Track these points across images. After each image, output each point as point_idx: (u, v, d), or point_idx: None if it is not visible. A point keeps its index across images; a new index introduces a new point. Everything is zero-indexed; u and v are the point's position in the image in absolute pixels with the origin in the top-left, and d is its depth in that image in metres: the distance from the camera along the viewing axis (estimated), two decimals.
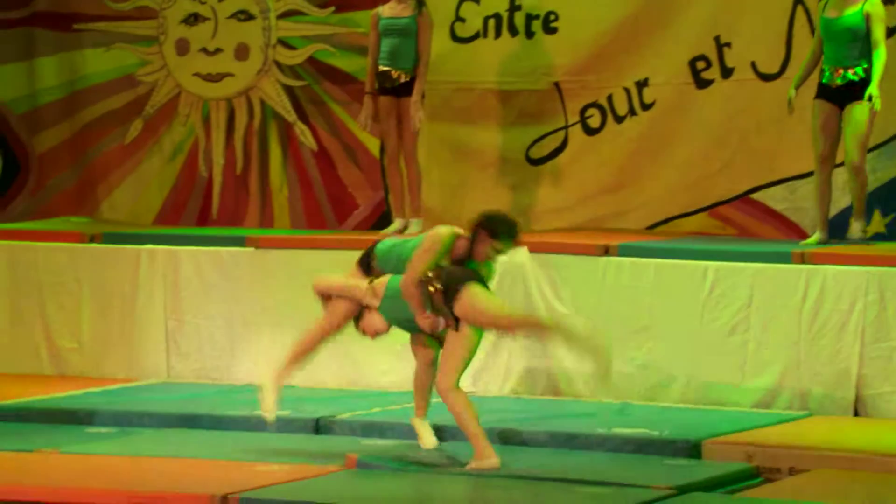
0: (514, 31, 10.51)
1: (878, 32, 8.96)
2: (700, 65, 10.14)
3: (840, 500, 7.18)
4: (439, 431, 8.13)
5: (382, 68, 9.95)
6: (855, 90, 8.99)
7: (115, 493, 7.19)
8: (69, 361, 10.09)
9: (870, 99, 8.87)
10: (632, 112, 10.30)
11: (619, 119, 10.34)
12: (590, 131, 10.41)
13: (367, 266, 7.87)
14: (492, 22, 10.54)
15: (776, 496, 7.32)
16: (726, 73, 10.09)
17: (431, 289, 7.38)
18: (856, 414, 8.75)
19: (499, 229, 7.62)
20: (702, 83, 10.15)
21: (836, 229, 9.37)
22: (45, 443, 8.07)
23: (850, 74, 8.98)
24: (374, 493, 7.20)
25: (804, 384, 8.86)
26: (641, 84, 10.27)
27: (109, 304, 10.04)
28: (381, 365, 8.28)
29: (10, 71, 11.44)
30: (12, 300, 10.11)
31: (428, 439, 7.99)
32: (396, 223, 10.14)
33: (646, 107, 10.27)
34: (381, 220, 10.66)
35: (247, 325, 9.78)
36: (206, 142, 11.16)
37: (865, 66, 8.95)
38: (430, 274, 7.41)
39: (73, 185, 11.41)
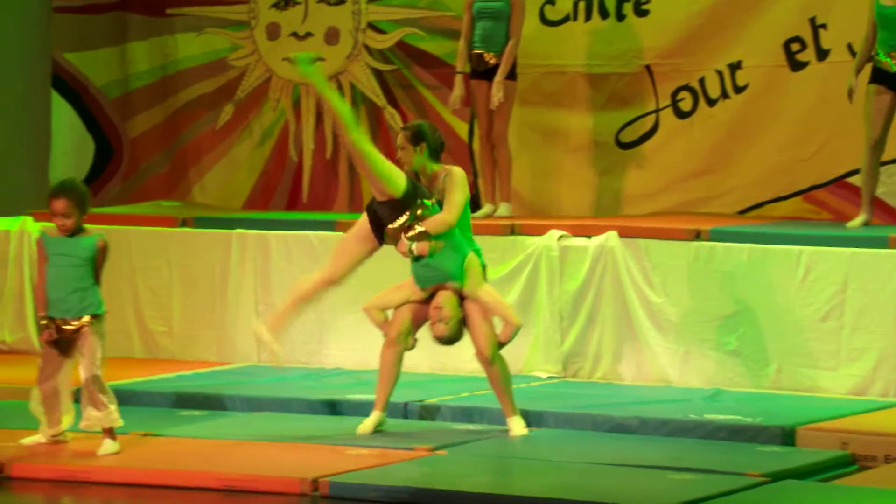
0: (604, 14, 10.42)
1: None
2: (795, 46, 10.00)
3: None
4: (526, 417, 8.11)
5: (475, 51, 9.92)
6: None
7: (206, 476, 7.23)
8: (160, 345, 10.16)
9: None
10: (724, 95, 10.19)
11: (712, 102, 10.23)
12: (681, 114, 10.31)
13: None
14: (582, 4, 10.47)
15: (872, 484, 7.21)
16: (822, 54, 9.94)
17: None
18: None
19: None
20: (796, 65, 10.01)
21: None
22: (138, 426, 8.12)
23: None
24: (461, 477, 7.18)
25: None
26: (734, 66, 10.15)
27: (200, 287, 10.09)
28: (469, 350, 8.27)
29: (103, 56, 11.53)
30: (104, 284, 10.13)
31: (517, 430, 8.01)
32: (486, 207, 10.10)
33: (739, 89, 10.15)
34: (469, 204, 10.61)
35: (335, 309, 9.79)
36: (296, 126, 11.19)
37: None
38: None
39: (165, 169, 11.49)
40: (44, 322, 7.71)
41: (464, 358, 9.18)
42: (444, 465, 7.44)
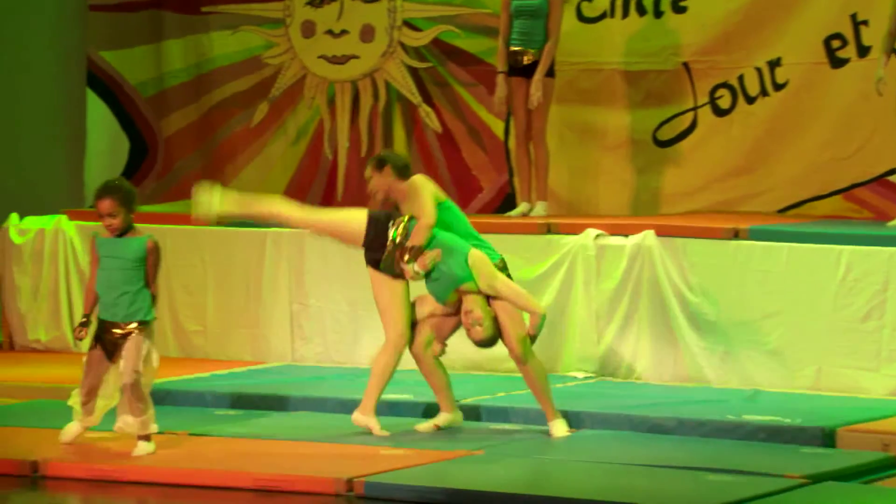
0: (641, 11, 10.35)
1: None
2: (835, 43, 9.91)
3: None
4: (566, 417, 8.05)
5: (514, 48, 9.87)
6: None
7: (241, 476, 7.20)
8: (194, 344, 10.15)
9: None
10: (763, 92, 10.10)
11: (751, 100, 10.14)
12: (720, 112, 10.23)
13: None
14: (619, 1, 10.40)
15: None
16: (862, 51, 9.85)
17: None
18: None
19: None
20: (837, 62, 9.92)
21: None
22: (173, 425, 8.10)
23: None
24: (497, 478, 7.14)
25: None
26: (774, 64, 10.06)
27: (235, 287, 10.08)
28: (505, 349, 8.22)
29: (138, 54, 11.53)
30: None
31: (559, 433, 7.95)
32: (522, 206, 10.05)
33: (778, 87, 10.07)
34: (505, 202, 10.58)
35: (369, 308, 9.72)
36: (331, 124, 11.16)
37: None
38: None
39: (200, 167, 11.47)
40: (83, 320, 7.65)
41: (499, 357, 9.13)
42: (481, 466, 7.39)
